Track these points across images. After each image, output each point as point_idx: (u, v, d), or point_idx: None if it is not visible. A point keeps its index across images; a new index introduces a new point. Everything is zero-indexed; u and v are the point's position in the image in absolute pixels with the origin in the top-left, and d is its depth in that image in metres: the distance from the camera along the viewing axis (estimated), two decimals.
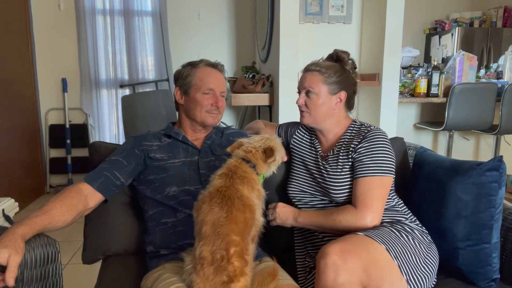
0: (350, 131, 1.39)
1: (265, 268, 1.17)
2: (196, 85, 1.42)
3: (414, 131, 3.82)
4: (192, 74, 1.43)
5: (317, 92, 1.35)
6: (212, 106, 1.41)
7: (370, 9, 3.31)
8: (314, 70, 1.37)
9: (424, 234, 1.30)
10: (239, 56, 4.47)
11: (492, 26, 5.02)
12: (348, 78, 1.39)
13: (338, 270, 1.04)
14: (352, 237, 1.15)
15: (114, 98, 4.25)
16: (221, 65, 1.48)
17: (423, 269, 1.20)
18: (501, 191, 1.27)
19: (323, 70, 1.35)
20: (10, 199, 2.20)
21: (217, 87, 1.42)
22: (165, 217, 1.29)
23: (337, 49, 1.43)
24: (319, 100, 1.35)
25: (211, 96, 1.41)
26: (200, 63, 1.45)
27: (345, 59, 1.40)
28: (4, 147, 3.37)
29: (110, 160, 1.35)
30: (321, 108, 1.36)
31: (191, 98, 1.42)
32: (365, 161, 1.29)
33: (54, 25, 4.05)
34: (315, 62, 1.40)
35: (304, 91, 1.39)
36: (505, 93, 3.24)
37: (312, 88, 1.36)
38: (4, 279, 0.93)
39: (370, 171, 1.27)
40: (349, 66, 1.40)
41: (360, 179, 1.28)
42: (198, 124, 1.44)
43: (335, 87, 1.36)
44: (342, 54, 1.41)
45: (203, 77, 1.42)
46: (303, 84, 1.39)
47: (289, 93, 2.98)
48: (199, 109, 1.41)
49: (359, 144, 1.31)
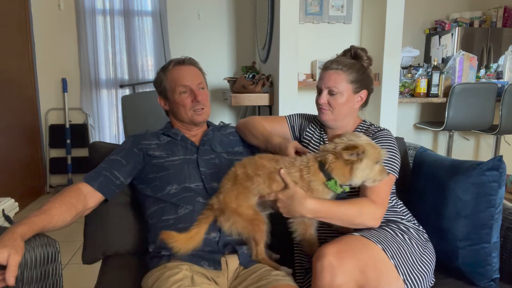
0: (359, 130, 1.40)
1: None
2: (170, 88, 1.42)
3: (414, 131, 3.82)
4: (164, 78, 1.44)
5: (341, 91, 1.33)
6: (193, 102, 1.40)
7: (370, 9, 3.31)
8: (337, 69, 1.34)
9: (420, 232, 1.30)
10: (239, 56, 4.47)
11: (492, 26, 5.01)
12: (368, 76, 1.39)
13: (335, 271, 1.03)
14: (348, 237, 1.15)
15: (114, 98, 4.25)
16: (189, 59, 1.47)
17: (419, 268, 1.20)
18: (501, 191, 1.27)
19: (346, 69, 1.33)
20: (10, 199, 2.20)
21: (190, 81, 1.41)
22: (166, 214, 1.29)
23: (355, 46, 1.41)
24: (343, 99, 1.34)
25: (188, 94, 1.41)
26: (169, 65, 1.45)
27: (363, 56, 1.38)
28: (4, 147, 3.37)
29: (109, 159, 1.35)
30: (344, 107, 1.35)
31: (171, 101, 1.43)
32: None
33: (54, 25, 4.05)
34: (335, 60, 1.37)
35: (326, 90, 1.36)
36: (505, 93, 3.24)
37: (336, 87, 1.33)
38: (4, 279, 0.94)
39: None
40: (366, 63, 1.39)
41: None
42: (189, 124, 1.45)
43: (357, 86, 1.35)
44: (361, 51, 1.38)
45: (173, 78, 1.42)
46: (326, 83, 1.35)
47: (289, 93, 2.98)
48: (183, 110, 1.41)
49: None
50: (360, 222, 1.20)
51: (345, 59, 1.38)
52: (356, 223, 1.21)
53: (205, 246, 1.24)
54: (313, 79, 3.36)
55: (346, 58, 1.39)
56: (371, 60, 1.41)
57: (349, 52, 1.41)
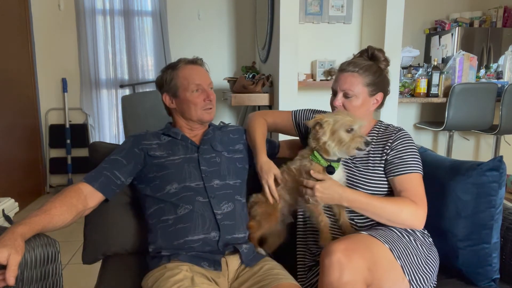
0: (377, 129, 1.38)
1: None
2: (182, 85, 1.42)
3: (414, 131, 3.82)
4: (175, 76, 1.43)
5: (356, 94, 1.32)
6: (205, 101, 1.41)
7: (370, 9, 3.31)
8: (353, 71, 1.33)
9: (425, 235, 1.30)
10: (239, 56, 4.47)
11: (492, 26, 5.01)
12: (384, 78, 1.38)
13: (343, 268, 1.03)
14: (356, 236, 1.16)
15: (114, 98, 4.25)
16: (200, 59, 1.48)
17: (424, 270, 1.20)
18: (501, 191, 1.27)
19: (362, 71, 1.32)
20: (10, 199, 2.21)
21: (203, 81, 1.42)
22: (166, 214, 1.29)
23: (372, 46, 1.39)
24: (358, 102, 1.33)
25: (200, 93, 1.41)
26: (179, 63, 1.45)
27: (381, 58, 1.37)
28: (4, 147, 3.37)
29: (109, 159, 1.35)
30: (359, 110, 1.34)
31: (182, 99, 1.43)
32: (406, 158, 1.28)
33: (54, 25, 4.04)
34: (351, 61, 1.36)
35: (341, 93, 1.35)
36: (505, 93, 3.24)
37: (351, 90, 1.32)
38: (4, 279, 0.94)
39: (416, 168, 1.27)
40: (383, 65, 1.37)
41: (408, 175, 1.26)
42: (195, 123, 1.45)
43: (373, 89, 1.34)
44: (378, 52, 1.37)
45: (186, 75, 1.42)
46: (341, 86, 1.34)
47: (289, 93, 2.98)
48: (194, 108, 1.41)
49: (394, 142, 1.31)
50: (401, 221, 1.22)
51: (361, 60, 1.36)
52: (398, 222, 1.23)
53: (205, 246, 1.24)
54: (313, 79, 3.37)
55: (362, 60, 1.37)
56: (389, 61, 1.39)
57: (366, 52, 1.39)
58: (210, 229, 1.26)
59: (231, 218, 1.30)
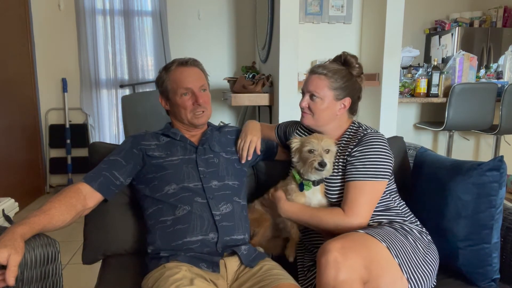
0: (348, 133, 1.38)
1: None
2: (172, 89, 1.41)
3: (414, 131, 3.82)
4: (167, 78, 1.43)
5: (322, 96, 1.33)
6: (194, 105, 1.39)
7: (370, 9, 3.31)
8: (321, 74, 1.33)
9: (423, 233, 1.30)
10: (239, 56, 4.47)
11: (492, 26, 5.01)
12: (354, 84, 1.37)
13: (339, 267, 1.04)
14: (353, 234, 1.16)
15: (114, 98, 4.25)
16: (192, 60, 1.45)
17: (423, 268, 1.20)
18: (501, 191, 1.27)
19: (330, 74, 1.33)
20: (10, 199, 2.20)
21: (192, 84, 1.40)
22: (164, 215, 1.29)
23: (346, 52, 1.40)
24: (323, 105, 1.34)
25: (190, 96, 1.40)
26: (172, 65, 1.43)
27: (353, 64, 1.37)
28: (4, 147, 3.37)
29: (108, 160, 1.35)
30: (325, 113, 1.35)
31: (173, 103, 1.43)
32: (357, 165, 1.28)
33: (54, 25, 4.04)
34: (322, 65, 1.37)
35: (308, 94, 1.36)
36: (505, 93, 3.24)
37: (317, 92, 1.33)
38: (4, 279, 0.93)
39: (362, 175, 1.27)
40: (356, 71, 1.37)
41: (351, 183, 1.27)
42: (189, 126, 1.45)
43: (340, 93, 1.34)
44: (351, 58, 1.37)
45: (176, 79, 1.41)
46: (308, 87, 1.36)
47: (289, 93, 2.98)
48: (184, 112, 1.41)
49: (354, 148, 1.30)
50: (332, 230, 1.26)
51: (332, 65, 1.37)
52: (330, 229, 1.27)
53: (203, 247, 1.24)
54: None
55: (334, 64, 1.38)
56: (362, 67, 1.40)
57: (340, 58, 1.40)
58: (208, 230, 1.25)
59: (230, 219, 1.30)
